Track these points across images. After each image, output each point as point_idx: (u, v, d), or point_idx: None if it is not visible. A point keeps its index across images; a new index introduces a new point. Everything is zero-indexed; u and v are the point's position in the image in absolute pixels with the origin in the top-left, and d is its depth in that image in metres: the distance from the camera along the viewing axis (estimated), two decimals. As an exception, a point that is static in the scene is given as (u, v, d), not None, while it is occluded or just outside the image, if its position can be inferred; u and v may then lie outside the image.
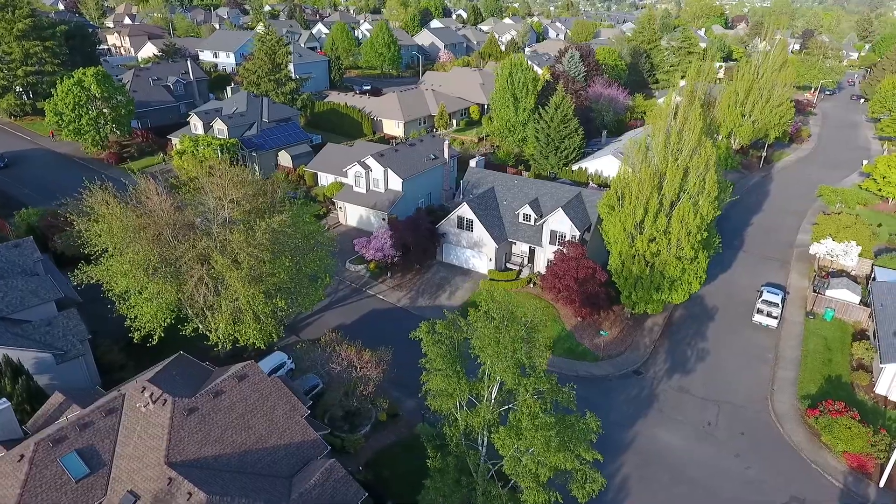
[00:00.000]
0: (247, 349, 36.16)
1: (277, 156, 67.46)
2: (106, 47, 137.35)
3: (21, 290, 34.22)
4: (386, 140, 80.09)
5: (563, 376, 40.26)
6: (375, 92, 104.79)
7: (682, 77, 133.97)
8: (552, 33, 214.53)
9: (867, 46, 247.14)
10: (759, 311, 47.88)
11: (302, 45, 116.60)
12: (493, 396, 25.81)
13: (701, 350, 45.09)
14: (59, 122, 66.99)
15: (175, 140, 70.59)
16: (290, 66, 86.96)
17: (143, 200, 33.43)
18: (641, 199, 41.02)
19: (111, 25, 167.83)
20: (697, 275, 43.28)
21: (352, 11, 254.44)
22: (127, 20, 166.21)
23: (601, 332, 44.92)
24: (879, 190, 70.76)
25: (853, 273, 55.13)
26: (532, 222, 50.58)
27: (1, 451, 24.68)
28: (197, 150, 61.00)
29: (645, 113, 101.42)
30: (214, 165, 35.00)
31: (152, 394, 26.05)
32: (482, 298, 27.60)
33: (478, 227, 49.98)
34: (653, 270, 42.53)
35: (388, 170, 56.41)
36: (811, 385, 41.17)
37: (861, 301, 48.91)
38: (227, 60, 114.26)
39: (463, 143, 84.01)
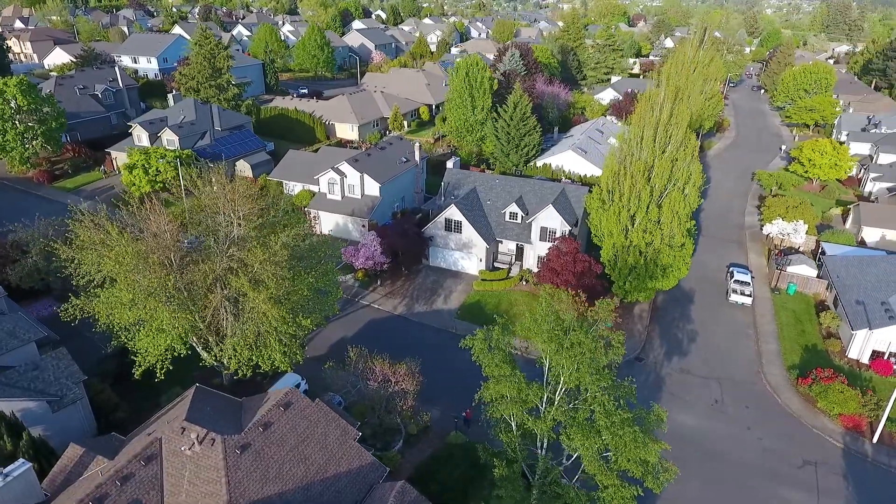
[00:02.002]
0: (256, 374, 33.84)
1: (235, 166, 63.69)
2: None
3: (-5, 332, 30.18)
4: (343, 144, 77.86)
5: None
6: (317, 95, 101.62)
7: (609, 73, 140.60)
8: (474, 33, 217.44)
9: (756, 41, 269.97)
10: (734, 291, 51.05)
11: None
12: (558, 398, 25.76)
13: (690, 332, 47.42)
14: (-23, 139, 59.62)
15: (116, 154, 64.87)
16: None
17: (140, 223, 30.35)
18: (634, 192, 42.49)
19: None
20: (685, 261, 45.48)
21: (265, 12, 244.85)
22: (19, 24, 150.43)
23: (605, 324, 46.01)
24: (806, 172, 77.52)
25: (801, 250, 60.11)
26: (519, 220, 51.02)
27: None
28: (149, 164, 56.32)
29: (585, 109, 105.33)
30: (217, 180, 32.32)
31: (196, 434, 23.78)
32: (537, 304, 27.29)
33: (467, 228, 49.74)
34: (647, 260, 44.18)
35: (365, 175, 54.89)
36: (794, 356, 44.44)
37: (817, 275, 53.38)
38: (149, 66, 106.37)
39: (420, 144, 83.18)
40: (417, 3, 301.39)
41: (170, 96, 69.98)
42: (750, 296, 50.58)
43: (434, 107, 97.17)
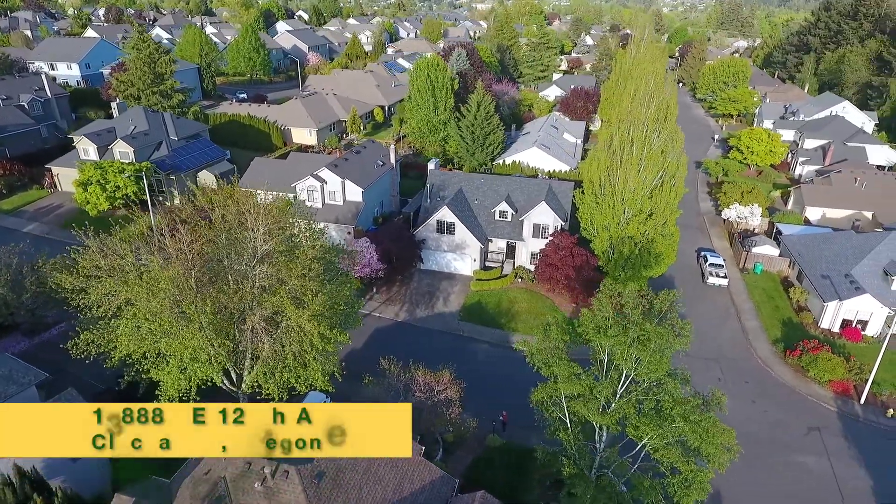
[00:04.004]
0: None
1: (197, 177, 59.82)
2: None
3: (-9, 379, 26.74)
4: (303, 150, 75.06)
5: (584, 360, 41.99)
6: (260, 99, 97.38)
7: (545, 70, 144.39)
8: (403, 32, 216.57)
9: (665, 37, 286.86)
10: (711, 274, 54.10)
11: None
12: (621, 391, 26.21)
13: (679, 315, 49.64)
14: None
15: (59, 170, 59.10)
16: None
17: (157, 243, 27.84)
18: (628, 185, 43.99)
19: None
20: (673, 248, 47.69)
21: (178, 12, 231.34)
22: None
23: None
24: (745, 159, 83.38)
25: (757, 232, 64.64)
26: (509, 218, 51.43)
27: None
28: (105, 180, 51.72)
29: (532, 106, 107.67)
30: (235, 194, 30.21)
31: (264, 467, 22.20)
32: (595, 301, 27.62)
33: (460, 228, 49.55)
34: (641, 250, 45.88)
35: (346, 180, 53.33)
36: (775, 330, 47.75)
37: (779, 254, 57.60)
38: (69, 73, 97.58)
39: (395, 147, 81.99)
40: (338, 2, 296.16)
41: (113, 105, 64.58)
42: (725, 277, 53.78)
43: (387, 108, 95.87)
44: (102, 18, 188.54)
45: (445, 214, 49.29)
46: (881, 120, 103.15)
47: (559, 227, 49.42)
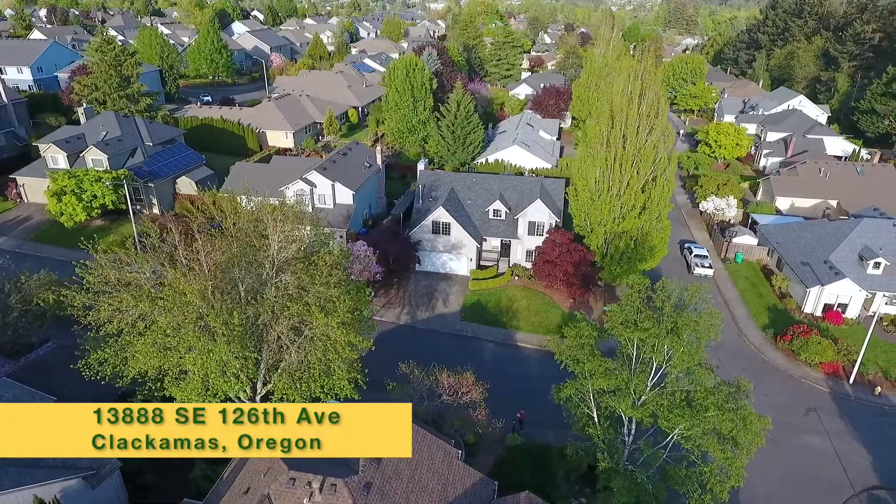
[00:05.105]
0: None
1: (176, 184, 57.54)
2: None
3: (-2, 402, 25.00)
4: (281, 153, 73.23)
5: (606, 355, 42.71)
6: (227, 102, 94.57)
7: (510, 69, 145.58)
8: (363, 32, 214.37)
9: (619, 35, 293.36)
10: (697, 265, 55.73)
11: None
12: (651, 382, 26.65)
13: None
14: None
15: (25, 180, 55.79)
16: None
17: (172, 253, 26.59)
18: (625, 180, 44.83)
19: None
20: (665, 241, 48.87)
21: (128, 13, 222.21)
22: None
23: (605, 309, 48.09)
24: (713, 152, 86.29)
25: (733, 222, 66.98)
26: (503, 217, 51.61)
27: None
28: (81, 189, 49.14)
29: (504, 104, 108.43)
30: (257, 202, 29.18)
31: (310, 482, 21.54)
32: (624, 296, 27.96)
33: (456, 229, 49.43)
34: (636, 243, 46.83)
35: (336, 183, 52.41)
36: (762, 317, 49.60)
37: (758, 243, 59.84)
38: (20, 77, 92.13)
39: (381, 148, 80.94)
40: (293, 2, 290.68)
41: (80, 110, 61.37)
42: (710, 267, 55.51)
43: (360, 109, 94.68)
44: (45, 20, 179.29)
45: (441, 215, 49.05)
46: (833, 112, 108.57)
47: (554, 224, 49.92)
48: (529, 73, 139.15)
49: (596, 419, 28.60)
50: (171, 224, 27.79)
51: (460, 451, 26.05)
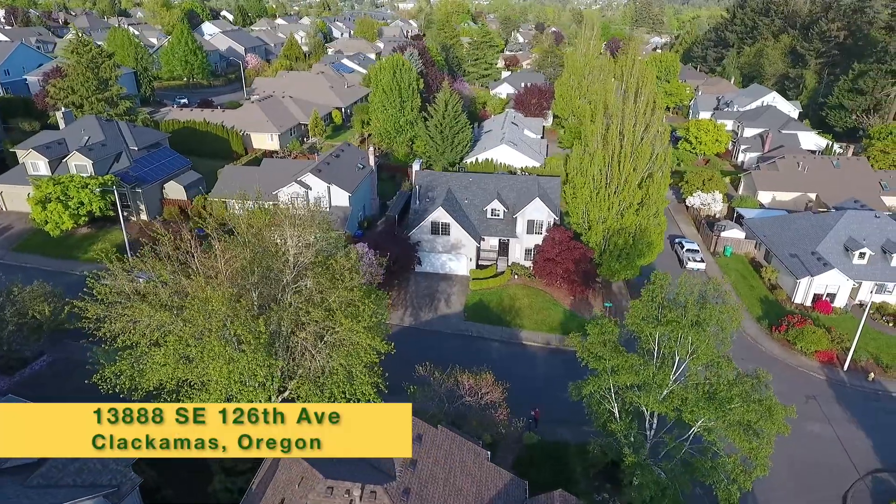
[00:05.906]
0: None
1: (164, 189, 56.00)
2: None
3: None
4: (267, 155, 71.95)
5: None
6: (206, 104, 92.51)
7: (488, 69, 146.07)
8: (336, 32, 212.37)
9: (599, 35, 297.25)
10: (689, 259, 56.79)
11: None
12: (674, 376, 27.02)
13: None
14: None
15: (2, 187, 53.56)
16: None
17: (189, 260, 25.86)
18: (623, 176, 45.41)
19: None
20: (661, 236, 49.68)
21: (91, 13, 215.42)
22: None
23: (606, 304, 48.63)
24: (694, 149, 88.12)
25: (718, 217, 68.50)
26: (502, 216, 51.72)
27: None
28: (67, 196, 47.43)
29: (486, 103, 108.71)
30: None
31: (348, 490, 21.22)
32: (644, 290, 28.32)
33: (455, 229, 49.35)
34: (635, 239, 47.48)
35: (332, 185, 51.81)
36: (756, 308, 50.83)
37: (745, 236, 61.31)
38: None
39: (373, 149, 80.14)
40: (262, 2, 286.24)
41: (58, 114, 59.22)
42: (702, 261, 56.63)
43: (343, 109, 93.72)
44: (3, 21, 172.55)
45: (440, 215, 48.91)
46: (804, 108, 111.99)
47: (552, 222, 50.25)
48: (509, 73, 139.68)
49: (617, 415, 28.88)
50: (182, 230, 26.98)
51: (488, 452, 25.96)
